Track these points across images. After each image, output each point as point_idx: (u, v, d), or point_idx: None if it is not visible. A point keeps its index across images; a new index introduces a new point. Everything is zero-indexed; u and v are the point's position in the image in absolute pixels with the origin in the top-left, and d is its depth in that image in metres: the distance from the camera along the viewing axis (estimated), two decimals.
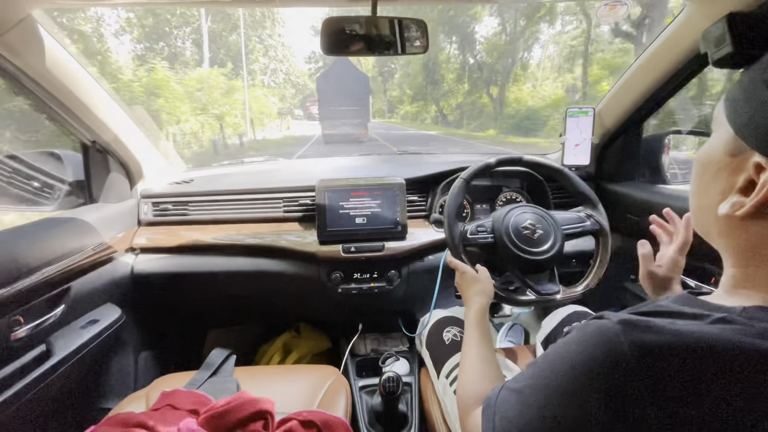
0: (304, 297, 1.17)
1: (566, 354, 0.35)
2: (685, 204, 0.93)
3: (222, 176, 1.30)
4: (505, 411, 0.39)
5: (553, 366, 0.36)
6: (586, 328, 0.34)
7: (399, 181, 1.08)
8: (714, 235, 0.39)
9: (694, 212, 0.41)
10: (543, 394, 0.35)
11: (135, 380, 1.11)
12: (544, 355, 0.39)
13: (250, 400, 0.68)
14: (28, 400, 0.71)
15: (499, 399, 0.41)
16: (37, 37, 0.75)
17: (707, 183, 0.37)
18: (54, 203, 1.03)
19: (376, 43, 0.76)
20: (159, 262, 1.10)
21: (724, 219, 0.35)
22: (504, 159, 0.94)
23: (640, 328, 0.31)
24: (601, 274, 0.89)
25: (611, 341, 0.31)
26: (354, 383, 1.04)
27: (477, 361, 0.62)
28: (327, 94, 13.73)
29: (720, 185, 0.35)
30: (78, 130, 0.97)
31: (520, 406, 0.38)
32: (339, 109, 13.57)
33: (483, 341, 0.66)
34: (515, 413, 0.38)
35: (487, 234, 0.87)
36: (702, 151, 0.38)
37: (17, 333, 0.72)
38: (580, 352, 0.33)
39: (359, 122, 13.65)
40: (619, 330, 0.31)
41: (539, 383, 0.37)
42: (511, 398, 0.39)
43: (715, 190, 0.36)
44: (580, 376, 0.33)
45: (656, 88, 0.99)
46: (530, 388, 0.37)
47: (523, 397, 0.38)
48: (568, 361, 0.34)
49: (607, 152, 1.23)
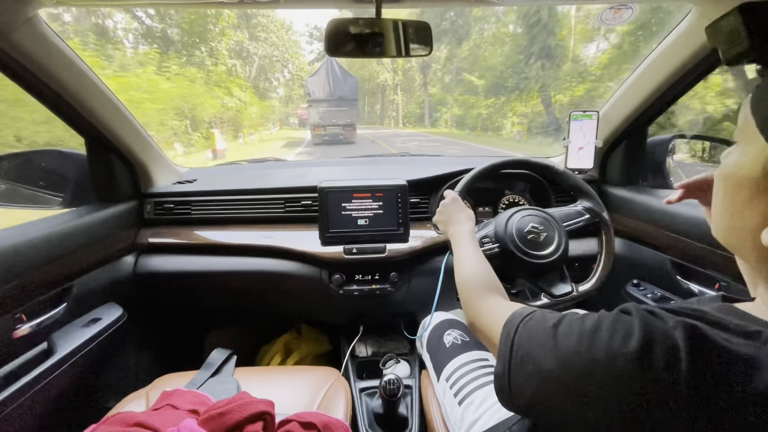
0: (306, 298, 1.17)
1: (612, 335, 0.32)
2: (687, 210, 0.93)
3: (225, 176, 1.30)
4: (529, 347, 0.39)
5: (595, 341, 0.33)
6: (644, 318, 0.32)
7: (401, 183, 1.08)
8: (750, 259, 0.35)
9: (724, 232, 0.37)
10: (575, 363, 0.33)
11: (135, 379, 1.11)
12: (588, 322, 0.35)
13: (251, 400, 0.68)
14: (28, 398, 0.71)
15: (530, 322, 0.41)
16: (43, 37, 0.76)
17: (743, 204, 0.33)
18: (58, 202, 1.03)
19: (379, 45, 0.76)
20: (161, 262, 1.10)
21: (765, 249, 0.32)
22: (503, 162, 0.93)
23: (703, 338, 0.29)
24: (609, 266, 0.88)
25: (671, 346, 0.29)
26: (354, 385, 1.04)
27: (483, 259, 0.66)
28: (316, 95, 13.85)
29: (762, 208, 0.32)
30: (82, 129, 0.97)
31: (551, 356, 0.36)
32: (328, 110, 13.70)
33: (480, 252, 0.69)
34: (543, 359, 0.36)
35: (493, 244, 0.84)
36: (731, 167, 0.35)
37: (19, 331, 0.73)
38: (633, 344, 0.31)
39: (348, 123, 13.84)
40: (680, 335, 0.29)
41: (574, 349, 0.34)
42: (541, 335, 0.38)
43: (755, 212, 0.33)
44: (626, 369, 0.30)
45: (660, 92, 0.99)
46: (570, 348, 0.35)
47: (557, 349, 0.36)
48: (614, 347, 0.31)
49: (610, 156, 1.23)
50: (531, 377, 0.37)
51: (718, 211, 0.38)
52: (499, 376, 0.41)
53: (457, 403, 0.73)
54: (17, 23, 0.69)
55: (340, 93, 13.66)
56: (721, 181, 0.37)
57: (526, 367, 0.38)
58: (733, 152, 0.36)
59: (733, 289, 0.83)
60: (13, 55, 0.74)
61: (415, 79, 30.10)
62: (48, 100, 0.86)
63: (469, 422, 0.68)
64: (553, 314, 0.41)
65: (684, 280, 0.95)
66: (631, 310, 0.34)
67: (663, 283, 1.03)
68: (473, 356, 0.80)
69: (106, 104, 0.96)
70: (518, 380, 0.39)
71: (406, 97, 30.67)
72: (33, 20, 0.72)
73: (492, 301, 0.56)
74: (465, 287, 0.62)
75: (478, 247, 0.71)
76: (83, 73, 0.87)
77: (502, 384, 0.41)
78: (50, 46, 0.78)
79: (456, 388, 0.76)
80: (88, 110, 0.92)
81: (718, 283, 0.87)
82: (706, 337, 0.29)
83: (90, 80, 0.89)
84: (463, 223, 0.76)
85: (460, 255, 0.70)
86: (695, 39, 0.83)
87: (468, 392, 0.73)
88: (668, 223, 0.98)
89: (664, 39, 0.92)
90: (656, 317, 0.32)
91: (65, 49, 0.81)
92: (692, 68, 0.90)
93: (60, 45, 0.80)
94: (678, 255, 0.97)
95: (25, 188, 1.03)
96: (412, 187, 1.12)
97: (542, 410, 0.37)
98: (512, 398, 0.40)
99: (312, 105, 13.86)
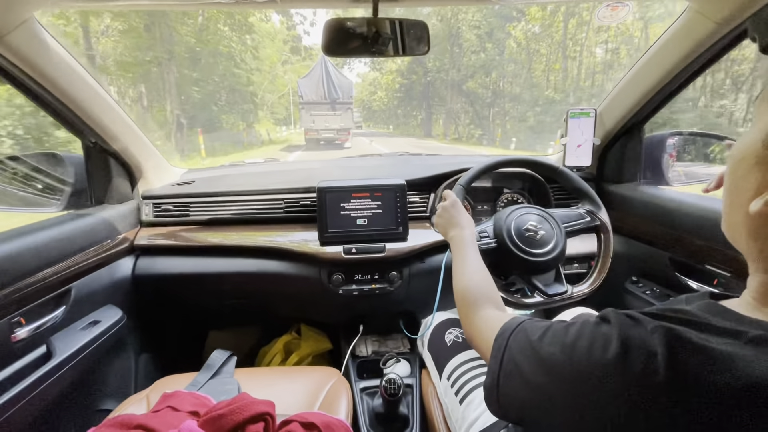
0: (305, 298, 1.17)
1: (591, 345, 0.33)
2: (685, 207, 0.94)
3: (223, 177, 1.30)
4: (517, 355, 0.40)
5: (576, 352, 0.34)
6: (622, 325, 0.32)
7: (400, 183, 1.08)
8: (743, 236, 0.35)
9: (725, 211, 0.38)
10: (559, 381, 0.34)
11: (135, 382, 1.11)
12: (576, 335, 0.36)
13: (251, 401, 0.68)
14: (28, 402, 0.71)
15: (516, 337, 0.42)
16: (39, 39, 0.75)
17: (741, 178, 0.34)
18: (56, 205, 1.03)
19: (377, 44, 0.76)
20: (160, 264, 1.10)
21: (755, 218, 0.32)
22: (501, 161, 0.93)
23: (681, 341, 0.29)
24: (606, 270, 0.89)
25: (649, 352, 0.29)
26: (355, 385, 1.04)
27: (482, 267, 0.65)
28: (308, 98, 13.26)
29: (755, 180, 0.32)
30: (80, 132, 0.97)
31: (535, 364, 0.37)
32: (322, 114, 13.21)
33: (480, 259, 0.69)
34: (527, 367, 0.38)
35: (490, 239, 0.85)
36: (737, 146, 0.35)
37: (18, 334, 0.72)
38: (611, 352, 0.31)
39: (342, 128, 13.39)
40: (657, 341, 0.29)
41: (558, 360, 0.35)
42: (526, 347, 0.40)
43: (748, 186, 0.33)
44: (606, 378, 0.31)
45: (658, 89, 0.99)
46: (552, 358, 0.36)
47: (541, 361, 0.37)
48: (594, 356, 0.32)
49: (608, 153, 1.23)
50: (519, 390, 0.39)
51: (724, 194, 0.37)
52: (488, 388, 0.43)
53: (458, 402, 0.74)
54: (12, 26, 0.69)
55: (334, 96, 13.15)
56: (728, 161, 0.36)
57: (513, 379, 0.40)
58: (743, 135, 0.36)
59: (731, 285, 0.84)
60: (8, 58, 0.73)
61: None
62: (44, 103, 0.86)
63: (470, 420, 0.69)
64: (540, 324, 0.42)
65: (683, 276, 0.95)
66: (610, 317, 0.34)
67: (662, 279, 1.03)
68: (474, 354, 0.80)
69: (104, 107, 0.95)
70: (506, 392, 0.40)
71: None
72: (28, 22, 0.72)
73: (486, 314, 0.56)
74: (461, 300, 0.62)
75: (478, 253, 0.71)
76: (80, 76, 0.87)
77: (491, 396, 0.42)
78: (46, 49, 0.77)
79: (457, 386, 0.76)
80: (86, 113, 0.92)
81: (716, 279, 0.87)
82: (683, 339, 0.29)
83: (87, 83, 0.89)
84: (464, 228, 0.75)
85: (458, 263, 0.69)
86: (692, 36, 0.84)
87: (469, 390, 0.73)
88: (667, 220, 0.99)
89: (661, 36, 0.92)
90: (635, 322, 0.32)
91: (62, 51, 0.81)
92: (689, 65, 0.90)
93: (56, 48, 0.79)
94: (676, 252, 0.97)
95: (23, 191, 1.03)
96: (411, 187, 1.12)
97: (532, 421, 0.38)
98: (501, 409, 0.42)
99: (304, 108, 13.34)
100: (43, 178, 1.04)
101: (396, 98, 27.95)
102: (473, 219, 0.81)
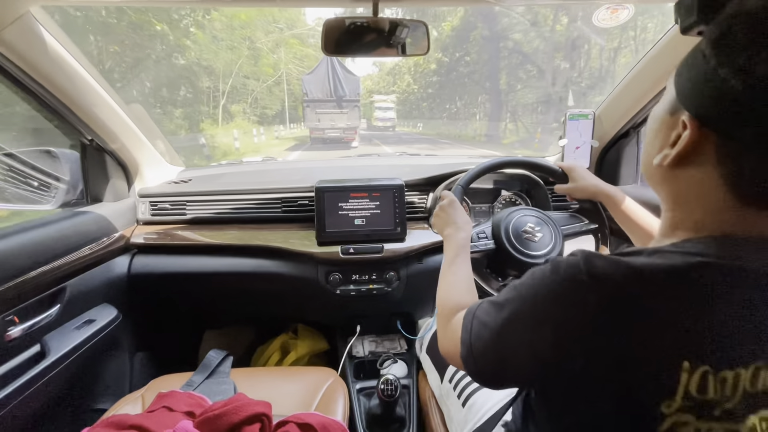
0: (302, 298, 1.17)
1: (541, 281, 0.39)
2: None
3: (220, 176, 1.29)
4: (482, 317, 0.44)
5: (531, 290, 0.40)
6: (560, 262, 0.38)
7: (398, 183, 1.08)
8: (655, 183, 0.43)
9: (643, 160, 0.45)
10: (519, 311, 0.39)
11: (131, 381, 1.10)
12: (523, 279, 0.42)
13: (247, 402, 0.68)
14: (21, 401, 0.70)
15: (480, 308, 0.46)
16: (35, 34, 0.75)
17: (653, 137, 0.42)
18: (51, 201, 1.02)
19: (376, 44, 0.76)
20: (156, 262, 1.09)
21: (658, 168, 0.40)
22: (501, 162, 0.93)
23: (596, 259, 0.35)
24: None
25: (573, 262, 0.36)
26: (352, 385, 1.03)
27: (466, 276, 0.64)
28: (313, 95, 12.88)
29: (661, 139, 0.40)
30: (76, 129, 0.96)
31: (496, 314, 0.42)
32: (327, 112, 12.86)
33: (468, 265, 0.68)
34: (491, 320, 0.42)
35: (488, 240, 0.85)
36: (654, 108, 0.43)
37: (11, 333, 0.72)
38: (553, 281, 0.37)
39: (349, 127, 13.02)
40: (579, 258, 0.36)
41: (517, 303, 0.40)
42: (490, 309, 0.43)
43: (656, 143, 0.41)
44: (550, 303, 0.37)
45: (656, 91, 0.99)
46: (510, 302, 0.41)
47: (501, 310, 0.42)
48: (544, 288, 0.38)
49: (607, 155, 1.24)
50: (488, 341, 0.42)
51: (644, 147, 0.45)
52: (464, 357, 0.45)
53: (460, 405, 0.73)
54: (7, 21, 0.68)
55: (340, 93, 12.80)
56: (648, 119, 0.44)
57: (482, 336, 0.43)
58: (660, 100, 0.43)
59: None
60: (4, 54, 0.72)
61: None
62: (40, 100, 0.85)
63: (472, 423, 0.68)
64: None
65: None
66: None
67: None
68: None
69: (101, 104, 0.94)
70: (479, 350, 0.43)
71: None
72: (24, 17, 0.71)
73: (456, 318, 0.54)
74: (439, 310, 0.60)
75: (468, 259, 0.69)
76: (77, 72, 0.86)
77: (468, 362, 0.44)
78: (42, 45, 0.77)
79: (459, 389, 0.76)
80: (82, 110, 0.91)
81: None
82: (597, 255, 0.36)
83: (84, 79, 0.88)
84: (460, 229, 0.73)
85: (445, 267, 0.67)
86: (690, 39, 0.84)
87: (470, 393, 0.73)
88: None
89: (660, 39, 0.92)
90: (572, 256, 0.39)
91: (58, 47, 0.80)
92: None
93: (52, 43, 0.78)
94: None
95: (18, 188, 1.02)
96: (409, 187, 1.12)
97: (508, 369, 0.41)
98: (479, 372, 0.43)
99: (309, 105, 13.00)
100: (38, 175, 1.03)
101: (434, 84, 22.05)
102: (471, 220, 0.80)
